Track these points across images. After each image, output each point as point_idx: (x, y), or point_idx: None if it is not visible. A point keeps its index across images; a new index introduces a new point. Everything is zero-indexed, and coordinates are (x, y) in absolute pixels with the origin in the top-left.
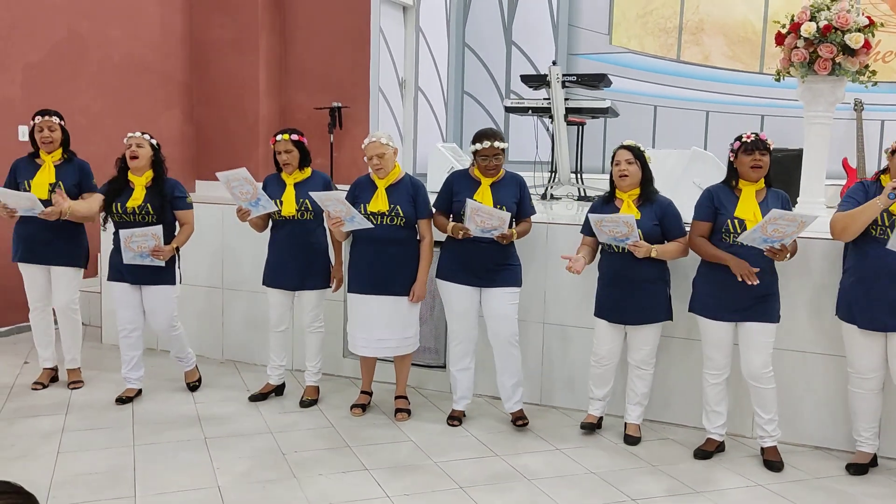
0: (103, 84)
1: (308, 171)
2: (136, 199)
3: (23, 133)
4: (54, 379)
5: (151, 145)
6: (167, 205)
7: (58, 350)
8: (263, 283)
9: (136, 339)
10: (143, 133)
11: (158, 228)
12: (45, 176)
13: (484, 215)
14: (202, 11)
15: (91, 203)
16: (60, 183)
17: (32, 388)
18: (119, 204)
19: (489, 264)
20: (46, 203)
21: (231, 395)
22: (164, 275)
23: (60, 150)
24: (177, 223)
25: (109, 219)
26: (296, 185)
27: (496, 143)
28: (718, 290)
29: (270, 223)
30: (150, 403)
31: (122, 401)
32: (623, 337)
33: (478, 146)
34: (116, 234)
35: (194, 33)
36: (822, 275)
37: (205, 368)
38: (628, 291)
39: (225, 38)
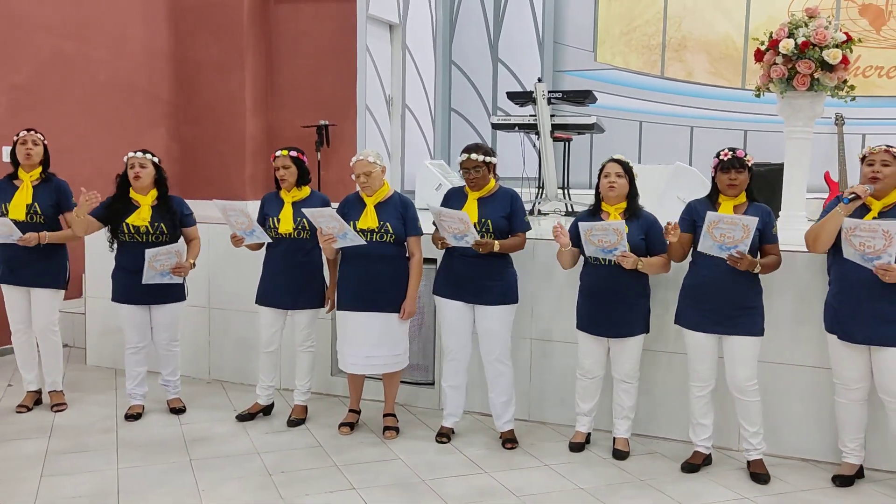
0: (88, 104)
1: (307, 191)
2: (143, 216)
3: (6, 154)
4: (38, 402)
5: (153, 164)
6: (177, 222)
7: (41, 372)
8: (256, 302)
9: (143, 356)
10: (144, 152)
11: (182, 246)
12: (22, 197)
13: (447, 220)
14: (188, 31)
15: (69, 232)
16: (36, 204)
17: (17, 412)
18: (129, 224)
19: (480, 280)
20: (24, 224)
21: (218, 416)
22: (175, 291)
23: (39, 170)
24: (181, 239)
25: (115, 239)
26: (293, 204)
27: (473, 156)
28: (700, 302)
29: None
30: (135, 425)
31: (131, 418)
32: (606, 349)
33: (459, 159)
34: (122, 255)
35: (180, 53)
36: (806, 287)
37: (191, 389)
38: (609, 304)
39: (211, 58)
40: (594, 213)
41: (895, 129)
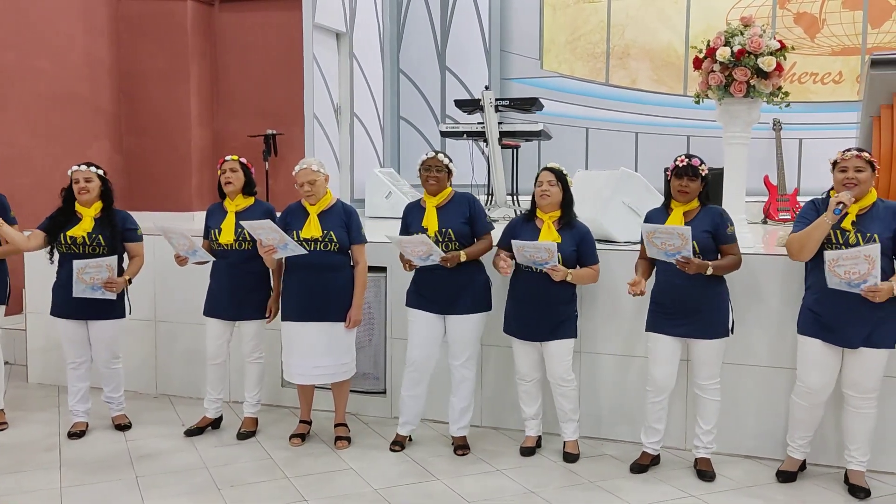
0: (29, 116)
1: (251, 200)
2: (84, 227)
3: None
4: None
5: (99, 177)
6: (118, 237)
7: None
8: (203, 313)
9: (84, 371)
10: (88, 165)
11: (113, 259)
12: None
13: (409, 246)
14: (130, 41)
15: (9, 247)
16: None
17: None
18: (66, 235)
19: (452, 289)
20: None
21: (165, 431)
22: (113, 308)
23: None
24: (125, 255)
25: (55, 251)
26: (236, 214)
27: (440, 156)
28: (663, 306)
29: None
30: (79, 443)
31: (75, 435)
32: (539, 353)
33: (423, 157)
34: (60, 268)
35: (123, 63)
36: (753, 289)
37: (137, 404)
38: (540, 310)
39: (154, 67)
40: (529, 219)
41: (830, 134)
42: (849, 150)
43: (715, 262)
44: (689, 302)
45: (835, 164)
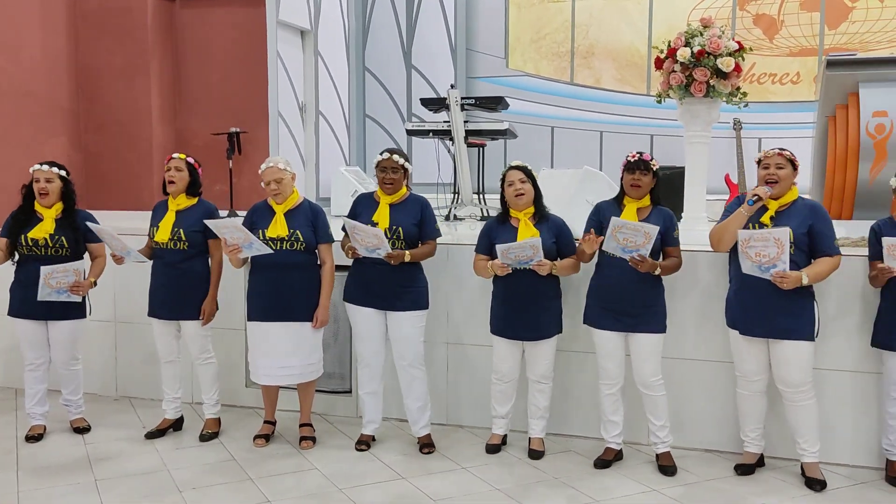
0: None
1: (194, 200)
2: (46, 229)
3: None
4: None
5: (61, 177)
6: (81, 238)
7: None
8: (147, 313)
9: (42, 373)
10: (51, 166)
11: (80, 264)
12: None
13: (360, 234)
14: (88, 36)
15: None
16: None
17: None
18: (28, 237)
19: (392, 287)
20: None
21: (125, 434)
22: (74, 309)
23: None
24: (86, 256)
25: (16, 251)
26: (177, 213)
27: (395, 157)
28: (606, 301)
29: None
30: (36, 447)
31: (32, 439)
32: (521, 353)
33: (378, 158)
34: (20, 267)
35: (80, 59)
36: (708, 286)
37: (97, 407)
38: (525, 308)
39: (114, 64)
40: (503, 220)
41: (789, 133)
42: (773, 148)
43: (663, 262)
44: (633, 298)
45: (759, 161)
